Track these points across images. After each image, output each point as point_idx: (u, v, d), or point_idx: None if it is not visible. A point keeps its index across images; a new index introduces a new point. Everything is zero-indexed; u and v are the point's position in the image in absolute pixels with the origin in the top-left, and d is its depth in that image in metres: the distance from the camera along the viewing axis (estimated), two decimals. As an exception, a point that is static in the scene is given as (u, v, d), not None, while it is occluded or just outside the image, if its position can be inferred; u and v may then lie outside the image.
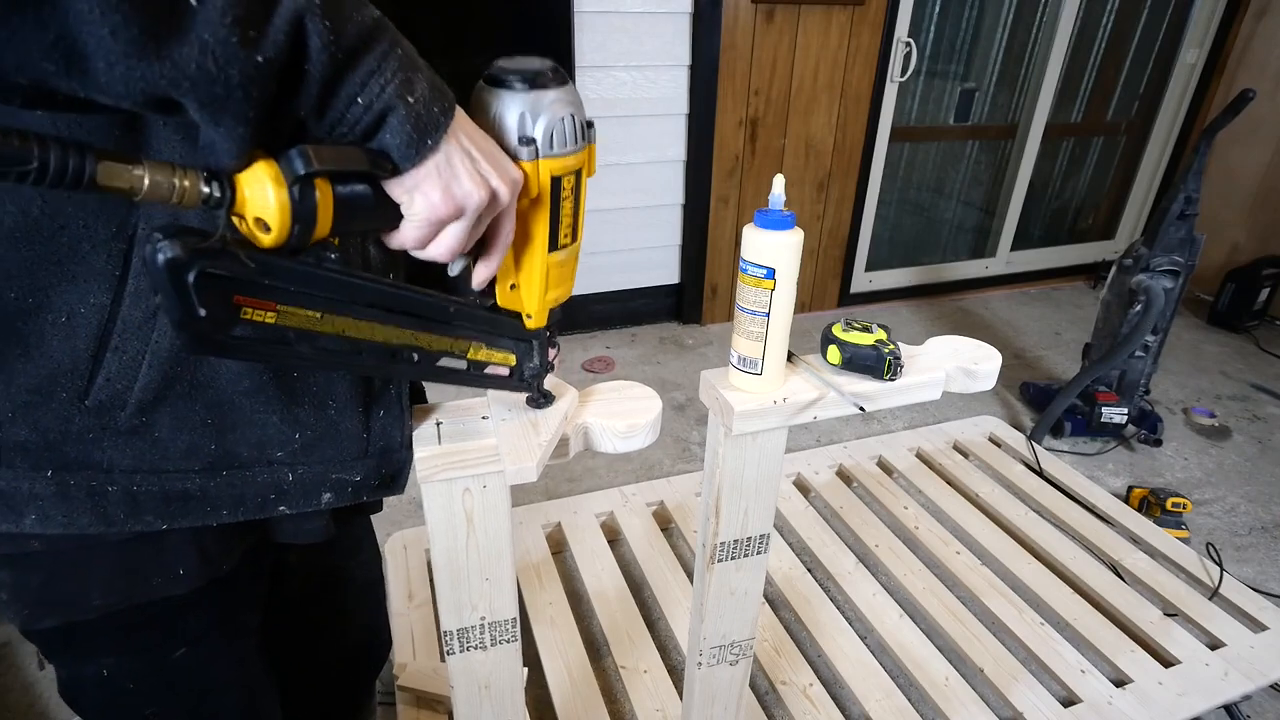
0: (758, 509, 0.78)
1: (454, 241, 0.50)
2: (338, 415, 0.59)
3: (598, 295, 2.76)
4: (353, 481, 0.61)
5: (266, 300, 0.44)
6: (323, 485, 0.60)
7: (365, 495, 0.62)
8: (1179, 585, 1.61)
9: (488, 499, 0.65)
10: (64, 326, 0.48)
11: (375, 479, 0.62)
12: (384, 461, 0.62)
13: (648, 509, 1.77)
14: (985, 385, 0.78)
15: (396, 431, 0.62)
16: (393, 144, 0.44)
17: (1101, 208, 3.64)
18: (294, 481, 0.58)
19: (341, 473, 0.60)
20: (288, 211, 0.42)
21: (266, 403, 0.55)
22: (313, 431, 0.58)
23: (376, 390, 0.61)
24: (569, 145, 0.55)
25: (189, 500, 0.55)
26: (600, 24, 2.30)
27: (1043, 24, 2.99)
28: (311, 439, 0.58)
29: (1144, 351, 2.15)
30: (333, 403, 0.58)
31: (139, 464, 0.53)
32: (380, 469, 0.62)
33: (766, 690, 1.38)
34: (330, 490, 0.60)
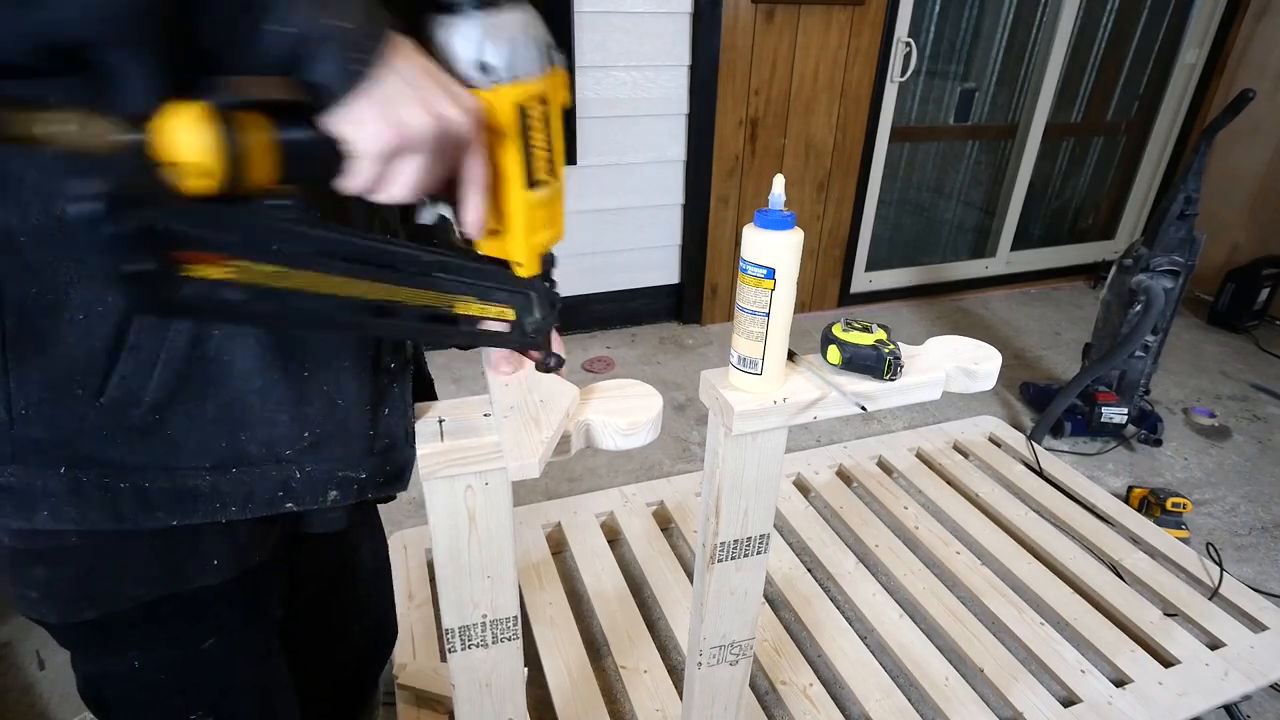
0: (758, 509, 0.78)
1: (409, 178, 0.47)
2: (346, 413, 0.59)
3: (598, 295, 2.76)
4: (358, 479, 0.61)
5: (211, 254, 0.41)
6: (329, 483, 0.60)
7: (370, 493, 0.62)
8: (1179, 585, 1.61)
9: (490, 496, 0.65)
10: (81, 324, 0.48)
11: (380, 476, 0.62)
12: (388, 459, 0.63)
13: (648, 509, 1.77)
14: (985, 385, 0.78)
15: (400, 429, 0.63)
16: (323, 73, 0.41)
17: (1101, 208, 3.64)
18: (301, 479, 0.59)
19: (348, 470, 0.61)
20: (217, 148, 0.39)
21: (278, 401, 0.56)
22: (322, 430, 0.58)
23: (383, 389, 0.61)
24: (532, 69, 0.50)
25: (199, 497, 0.55)
26: (600, 24, 2.30)
27: (1043, 24, 2.99)
28: (320, 436, 0.58)
29: (1144, 351, 2.15)
30: (341, 401, 0.59)
31: (151, 461, 0.53)
32: (385, 466, 0.63)
33: (766, 690, 1.38)
34: (336, 488, 0.60)
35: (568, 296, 2.92)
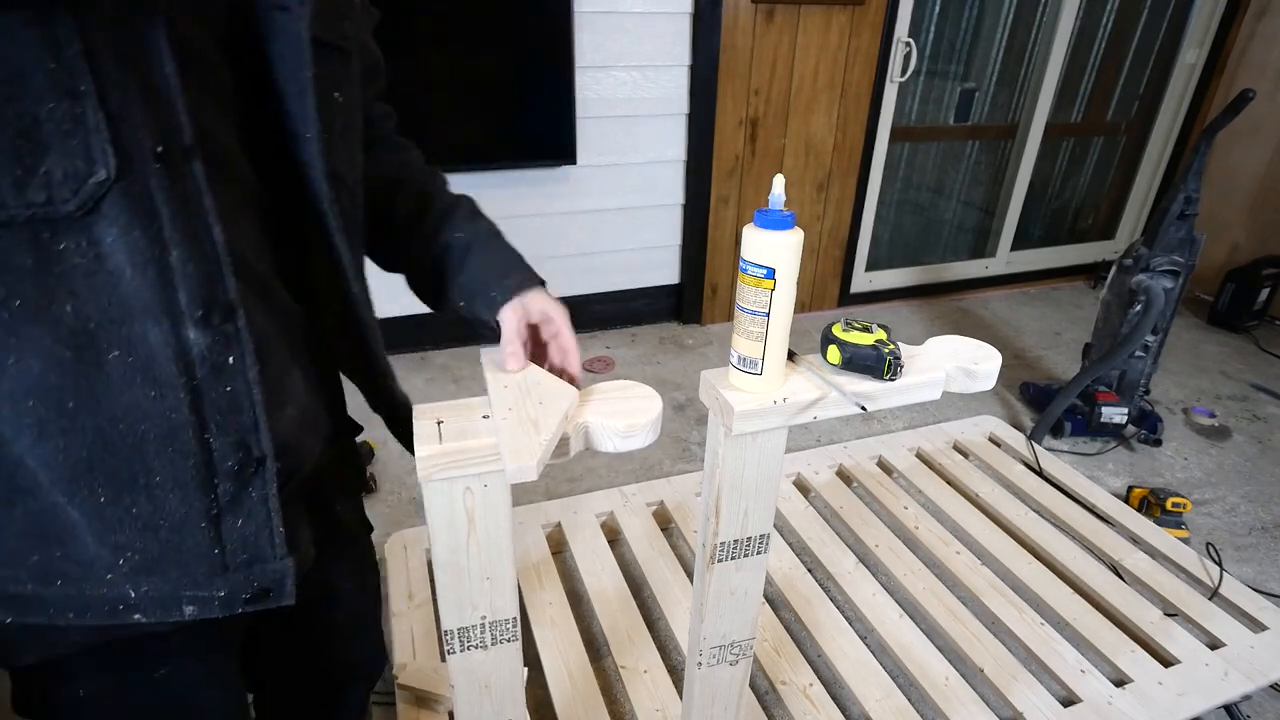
0: (758, 509, 0.78)
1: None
2: (173, 534, 0.52)
3: (598, 295, 2.76)
4: (217, 597, 0.55)
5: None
6: (179, 600, 0.54)
7: (239, 608, 0.56)
8: (1179, 585, 1.61)
9: (488, 498, 0.65)
10: None
11: (246, 593, 0.56)
12: (253, 574, 0.56)
13: (648, 509, 1.77)
14: (985, 385, 0.78)
15: (265, 541, 0.55)
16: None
17: (1101, 208, 3.64)
18: (138, 598, 0.53)
19: (196, 590, 0.54)
20: None
21: (79, 524, 0.50)
22: (142, 555, 0.52)
23: (225, 499, 0.53)
24: None
25: (28, 602, 0.52)
26: (600, 24, 2.30)
27: (1043, 24, 2.99)
28: (142, 562, 0.52)
29: (1144, 351, 2.15)
30: (163, 522, 0.51)
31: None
32: (250, 582, 0.56)
33: (766, 690, 1.38)
34: (192, 604, 0.54)
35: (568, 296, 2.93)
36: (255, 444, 0.53)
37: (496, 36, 2.20)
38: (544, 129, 2.35)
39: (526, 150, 2.38)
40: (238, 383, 0.51)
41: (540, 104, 2.31)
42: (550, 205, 2.54)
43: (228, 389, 0.51)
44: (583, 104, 2.37)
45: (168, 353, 0.47)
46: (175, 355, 0.48)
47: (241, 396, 0.52)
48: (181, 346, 0.48)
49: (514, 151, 2.37)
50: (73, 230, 0.42)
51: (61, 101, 0.39)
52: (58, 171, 0.40)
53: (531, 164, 2.43)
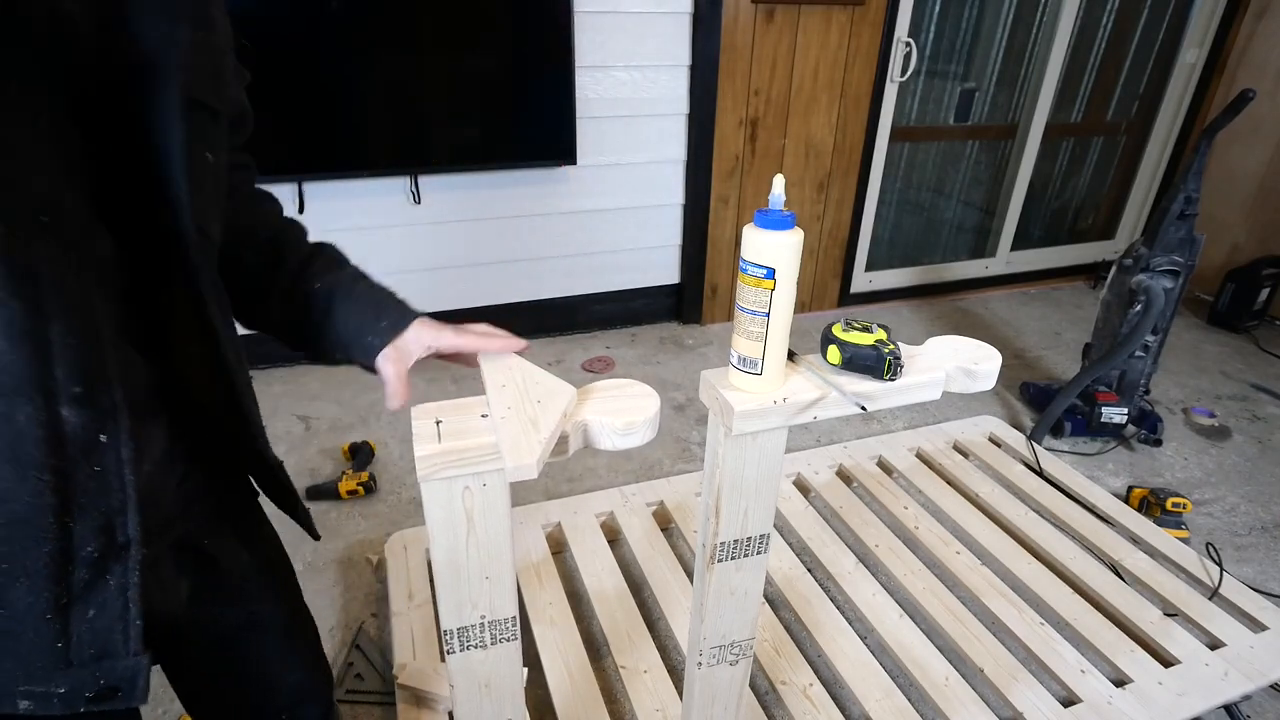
0: (758, 509, 0.78)
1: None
2: (12, 625, 0.47)
3: (598, 295, 2.76)
4: (55, 694, 0.50)
5: None
6: (13, 694, 0.49)
7: (80, 708, 0.51)
8: (1179, 585, 1.61)
9: (488, 497, 0.65)
10: None
11: (90, 690, 0.51)
12: (99, 670, 0.51)
13: (648, 509, 1.77)
14: (985, 385, 0.78)
15: (118, 636, 0.51)
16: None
17: (1101, 208, 3.64)
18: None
19: (32, 685, 0.49)
20: None
21: None
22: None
23: (79, 588, 0.48)
24: None
25: None
26: (600, 24, 2.30)
27: (1043, 24, 2.99)
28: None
29: (1144, 351, 2.15)
30: (3, 611, 0.47)
31: None
32: (96, 680, 0.51)
33: (766, 690, 1.38)
34: (28, 699, 0.50)
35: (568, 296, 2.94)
36: (121, 528, 0.49)
37: (496, 36, 2.20)
38: (544, 129, 2.35)
39: (526, 150, 2.38)
40: (108, 460, 0.48)
41: (540, 104, 2.31)
42: (550, 205, 2.54)
43: (97, 469, 0.47)
44: (583, 104, 2.37)
45: (36, 433, 0.44)
46: (44, 435, 0.44)
47: (111, 476, 0.48)
48: (53, 425, 0.44)
49: (514, 151, 2.37)
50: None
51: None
52: None
53: (531, 164, 2.43)
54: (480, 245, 2.53)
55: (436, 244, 2.47)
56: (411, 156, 2.28)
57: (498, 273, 2.59)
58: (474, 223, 2.48)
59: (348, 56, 2.08)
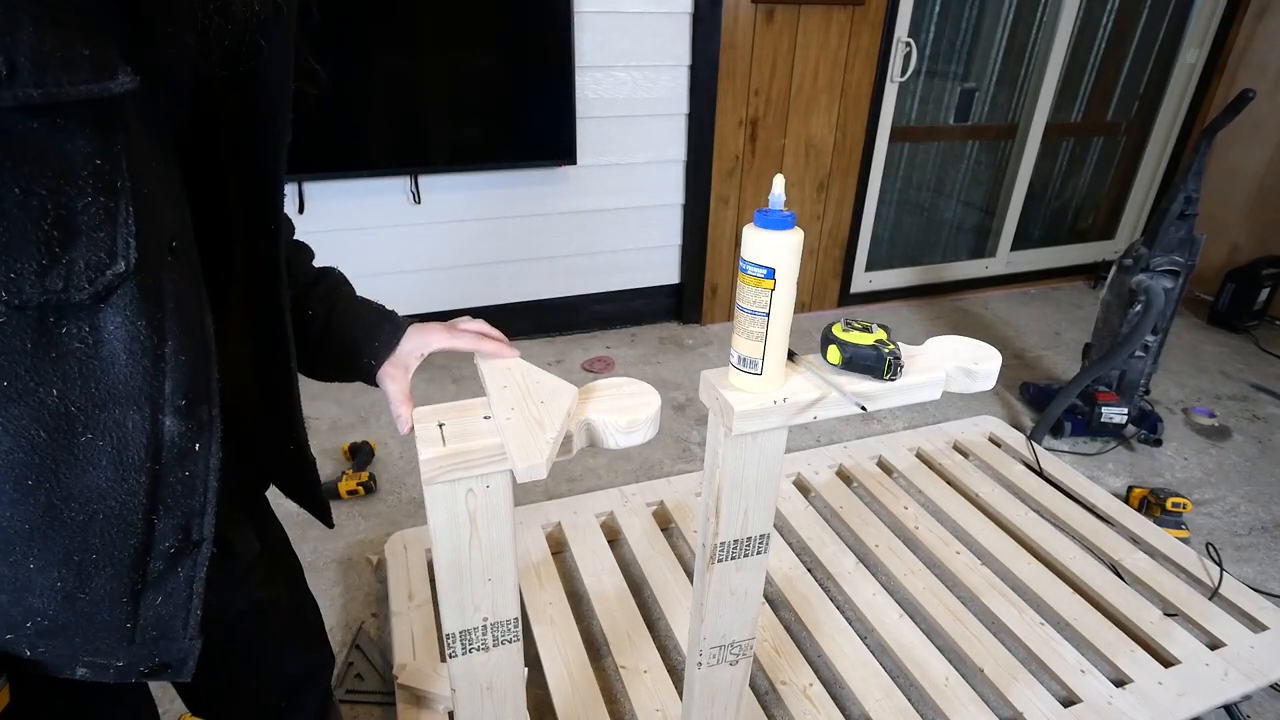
0: (758, 509, 0.78)
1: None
2: (91, 607, 0.51)
3: (598, 295, 2.76)
4: (114, 665, 0.54)
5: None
6: (75, 662, 0.53)
7: (132, 679, 0.55)
8: (1179, 585, 1.61)
9: (491, 499, 0.65)
10: None
11: (145, 666, 0.55)
12: (157, 650, 0.55)
13: (648, 509, 1.77)
14: (985, 385, 0.78)
15: (180, 621, 0.55)
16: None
17: (1101, 208, 3.64)
18: (34, 656, 0.52)
19: (95, 657, 0.53)
20: None
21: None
22: (51, 621, 0.50)
23: (153, 577, 0.52)
24: None
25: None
26: (600, 24, 2.30)
27: (1043, 24, 2.99)
28: (50, 628, 0.51)
29: (1144, 351, 2.15)
30: (84, 595, 0.50)
31: None
32: (153, 656, 0.55)
33: (766, 690, 1.38)
34: (86, 667, 0.54)
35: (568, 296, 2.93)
36: (198, 528, 0.53)
37: (497, 36, 2.20)
38: (544, 129, 2.35)
39: (526, 150, 2.38)
40: (198, 468, 0.51)
41: (540, 104, 2.31)
42: (550, 205, 2.54)
43: (186, 474, 0.51)
44: (583, 104, 2.37)
45: (140, 439, 0.47)
46: (147, 442, 0.48)
47: (198, 481, 0.52)
48: (155, 434, 0.48)
49: (514, 151, 2.37)
50: (79, 316, 0.42)
51: (99, 196, 0.41)
52: (80, 262, 0.41)
53: (531, 164, 2.43)
54: (480, 245, 2.53)
55: (436, 244, 2.47)
56: (411, 156, 2.28)
57: (498, 273, 2.59)
58: (474, 223, 2.48)
59: (348, 56, 2.08)
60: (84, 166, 0.40)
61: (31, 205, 0.38)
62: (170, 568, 0.53)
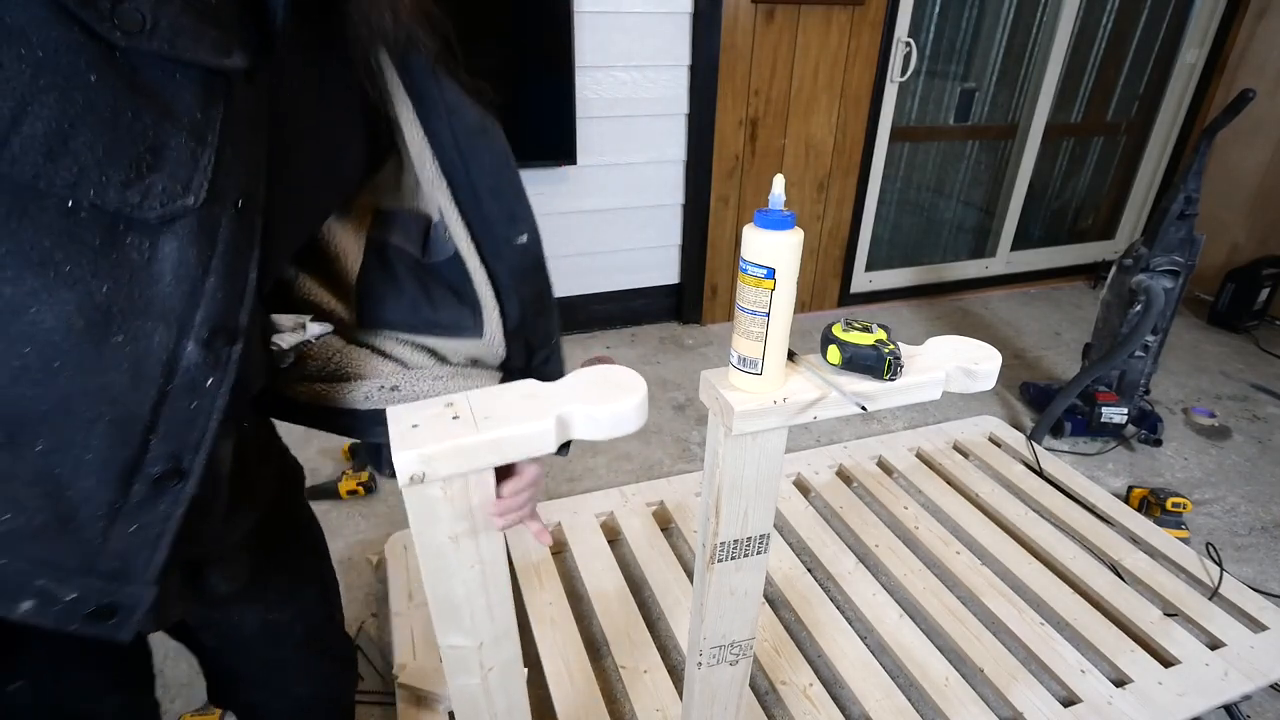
0: (758, 509, 0.78)
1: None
2: (70, 510, 0.51)
3: (598, 295, 2.76)
4: (63, 600, 0.53)
5: None
6: (23, 590, 0.53)
7: (74, 624, 0.54)
8: (1179, 585, 1.61)
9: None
10: None
11: (91, 605, 0.54)
12: (110, 588, 0.54)
13: (648, 509, 1.77)
14: (985, 385, 0.78)
15: (143, 559, 0.54)
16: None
17: (1101, 208, 3.64)
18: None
19: (48, 580, 0.53)
20: None
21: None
22: (27, 518, 0.51)
23: (134, 501, 0.53)
24: None
25: None
26: (600, 24, 2.30)
27: (1043, 24, 2.99)
28: (21, 524, 0.51)
29: (1144, 351, 2.15)
30: (69, 493, 0.51)
31: None
32: (104, 595, 0.54)
33: (766, 690, 1.38)
34: (33, 598, 0.53)
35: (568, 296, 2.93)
36: (188, 460, 0.54)
37: (497, 36, 2.20)
38: (544, 129, 2.35)
39: (526, 150, 2.38)
40: (204, 403, 0.54)
41: (540, 104, 2.31)
42: (550, 205, 2.54)
43: (191, 405, 0.53)
44: (583, 104, 2.37)
45: (161, 355, 0.51)
46: (166, 359, 0.51)
47: (200, 416, 0.54)
48: (175, 354, 0.52)
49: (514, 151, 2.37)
50: (144, 232, 0.48)
51: (190, 141, 0.48)
52: (159, 185, 0.47)
53: (531, 164, 2.43)
54: (480, 245, 2.53)
55: (436, 244, 2.47)
56: (411, 156, 2.28)
57: (498, 273, 2.59)
58: (474, 223, 2.48)
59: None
60: (185, 115, 0.47)
61: (136, 128, 0.46)
62: (152, 495, 0.54)
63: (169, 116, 0.47)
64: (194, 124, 0.48)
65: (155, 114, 0.46)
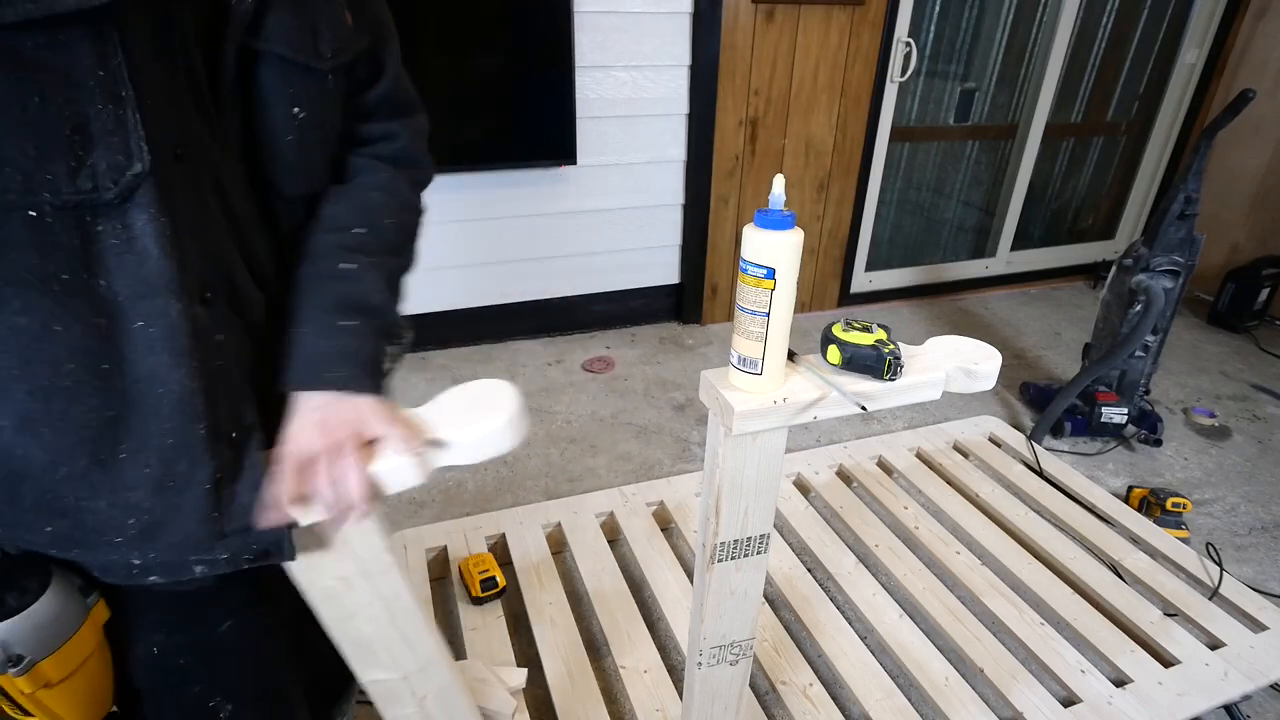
0: (758, 509, 0.78)
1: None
2: (179, 494, 0.56)
3: (598, 295, 2.76)
4: (220, 559, 0.60)
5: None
6: (185, 566, 0.59)
7: (244, 565, 0.61)
8: (1179, 585, 1.61)
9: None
10: None
11: (248, 554, 0.60)
12: (250, 539, 0.60)
13: (648, 509, 1.77)
14: (985, 385, 0.78)
15: (253, 503, 0.60)
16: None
17: (1101, 208, 3.64)
18: (145, 564, 0.58)
19: (201, 554, 0.59)
20: None
21: (91, 488, 0.54)
22: (149, 515, 0.56)
23: (228, 463, 0.58)
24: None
25: (54, 560, 0.58)
26: (600, 24, 2.30)
27: (1043, 24, 2.99)
28: (149, 523, 0.56)
29: (1144, 351, 2.15)
30: (171, 483, 0.56)
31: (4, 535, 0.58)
32: (249, 545, 0.60)
33: (766, 690, 1.38)
34: (201, 564, 0.59)
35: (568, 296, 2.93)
36: (248, 413, 0.58)
37: (497, 37, 2.20)
38: (544, 129, 2.35)
39: (526, 150, 2.38)
40: (228, 359, 0.57)
41: (540, 104, 2.31)
42: (550, 205, 2.54)
43: (220, 364, 0.56)
44: (583, 104, 2.37)
45: (185, 327, 0.53)
46: (190, 329, 0.53)
47: (232, 371, 0.57)
48: (194, 321, 0.53)
49: (514, 151, 2.37)
50: (111, 215, 0.49)
51: (107, 105, 0.47)
52: (102, 164, 0.47)
53: (531, 164, 2.43)
54: (480, 245, 2.53)
55: (437, 244, 2.46)
56: (411, 156, 2.28)
57: (498, 273, 2.59)
58: (474, 223, 2.48)
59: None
60: (88, 77, 0.46)
61: (51, 113, 0.45)
62: (237, 455, 0.58)
63: (74, 85, 0.45)
64: (102, 85, 0.46)
65: (60, 89, 0.45)
